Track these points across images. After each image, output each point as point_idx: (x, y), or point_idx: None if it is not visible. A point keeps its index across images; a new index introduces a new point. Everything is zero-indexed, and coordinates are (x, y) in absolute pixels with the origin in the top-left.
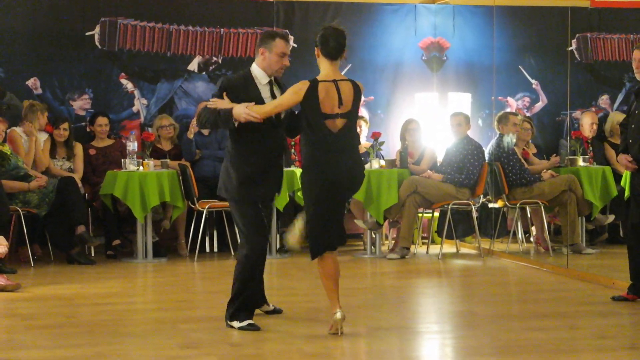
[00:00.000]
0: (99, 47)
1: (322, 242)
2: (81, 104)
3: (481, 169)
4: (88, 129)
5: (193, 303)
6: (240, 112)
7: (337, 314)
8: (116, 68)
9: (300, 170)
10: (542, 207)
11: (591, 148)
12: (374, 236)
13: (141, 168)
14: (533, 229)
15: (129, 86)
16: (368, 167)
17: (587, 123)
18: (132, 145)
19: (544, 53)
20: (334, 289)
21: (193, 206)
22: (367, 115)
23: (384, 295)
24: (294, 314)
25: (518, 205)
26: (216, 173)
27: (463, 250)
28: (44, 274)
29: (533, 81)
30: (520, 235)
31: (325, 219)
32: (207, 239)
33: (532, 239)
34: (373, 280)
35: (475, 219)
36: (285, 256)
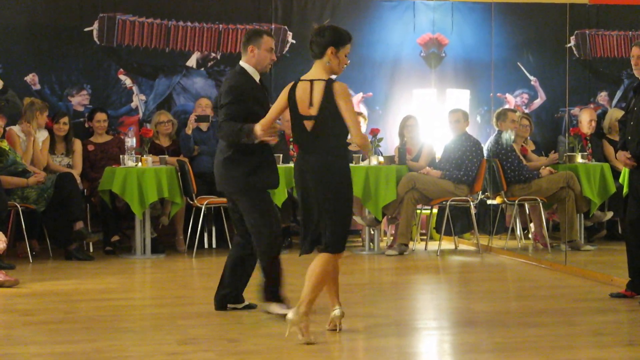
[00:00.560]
0: (98, 43)
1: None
2: (79, 100)
3: (479, 166)
4: (86, 125)
5: (191, 299)
6: (258, 132)
7: (336, 311)
8: (114, 64)
9: None
10: (541, 204)
11: (590, 145)
12: (373, 232)
13: (139, 164)
14: (531, 226)
15: (128, 82)
16: (366, 164)
17: (586, 120)
18: (131, 141)
19: (543, 50)
20: (334, 287)
21: (191, 202)
22: (366, 111)
23: (382, 291)
24: None
25: (516, 201)
26: None
27: (461, 246)
28: (42, 270)
29: (531, 78)
30: (518, 231)
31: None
32: (206, 235)
33: (531, 236)
34: (371, 276)
35: (473, 216)
36: (284, 252)
